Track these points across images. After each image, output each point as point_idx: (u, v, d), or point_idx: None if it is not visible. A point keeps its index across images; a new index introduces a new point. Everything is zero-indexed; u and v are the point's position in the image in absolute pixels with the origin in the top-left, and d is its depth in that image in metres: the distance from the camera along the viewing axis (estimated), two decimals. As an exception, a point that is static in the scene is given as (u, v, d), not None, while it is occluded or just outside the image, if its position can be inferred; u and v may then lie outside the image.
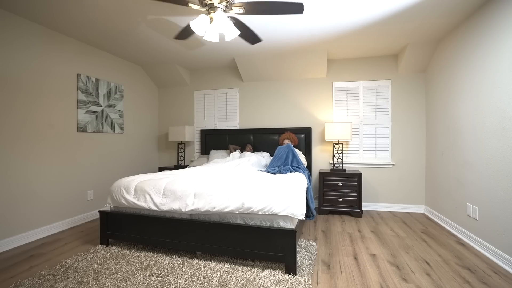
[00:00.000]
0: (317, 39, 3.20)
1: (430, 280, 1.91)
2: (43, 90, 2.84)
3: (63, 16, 2.62)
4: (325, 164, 4.07)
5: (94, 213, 3.49)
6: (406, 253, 2.38)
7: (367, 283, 1.88)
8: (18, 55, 2.60)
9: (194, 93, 4.65)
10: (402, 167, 3.80)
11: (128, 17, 2.64)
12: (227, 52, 3.68)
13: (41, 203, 2.82)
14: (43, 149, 2.85)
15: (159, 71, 4.40)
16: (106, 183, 3.66)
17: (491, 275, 1.98)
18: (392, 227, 3.10)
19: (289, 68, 3.96)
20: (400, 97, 3.80)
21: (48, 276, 1.95)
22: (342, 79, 4.00)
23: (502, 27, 2.18)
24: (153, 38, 3.17)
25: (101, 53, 3.57)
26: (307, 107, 4.13)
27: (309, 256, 2.26)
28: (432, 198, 3.49)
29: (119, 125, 3.86)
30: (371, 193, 3.90)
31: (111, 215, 2.49)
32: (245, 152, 3.73)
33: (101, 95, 3.54)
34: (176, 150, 4.73)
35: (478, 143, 2.50)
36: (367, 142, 3.91)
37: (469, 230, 2.63)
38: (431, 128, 3.53)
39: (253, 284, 1.83)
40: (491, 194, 2.31)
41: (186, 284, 1.84)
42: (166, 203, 2.29)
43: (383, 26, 2.87)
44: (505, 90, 2.14)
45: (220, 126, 4.52)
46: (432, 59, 3.48)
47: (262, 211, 2.03)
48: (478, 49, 2.50)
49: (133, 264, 2.14)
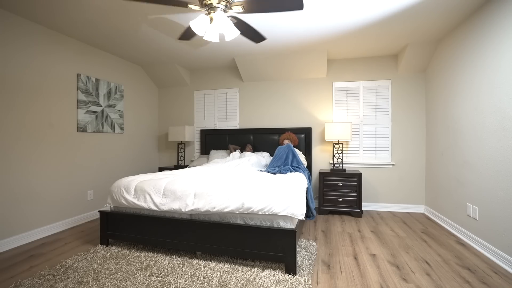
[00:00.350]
0: (317, 39, 3.20)
1: (430, 280, 1.91)
2: (43, 90, 2.84)
3: (63, 16, 2.62)
4: (325, 164, 4.07)
5: (94, 213, 3.49)
6: (406, 253, 2.38)
7: (367, 283, 1.88)
8: (18, 55, 2.60)
9: (194, 93, 4.65)
10: (402, 167, 3.80)
11: (128, 16, 2.64)
12: (227, 52, 3.68)
13: (41, 203, 2.82)
14: (43, 149, 2.85)
15: (159, 71, 4.40)
16: (106, 183, 3.66)
17: (491, 275, 1.98)
18: (392, 227, 3.10)
19: (289, 68, 3.96)
20: (400, 97, 3.80)
21: (48, 276, 1.95)
22: (342, 79, 4.00)
23: (502, 27, 2.18)
24: (153, 38, 3.17)
25: (101, 53, 3.57)
26: (307, 107, 4.13)
27: (309, 256, 2.26)
28: (432, 198, 3.49)
29: (119, 125, 3.86)
30: (371, 193, 3.90)
31: (111, 215, 2.49)
32: (245, 152, 3.73)
33: (101, 95, 3.54)
34: (176, 150, 4.73)
35: (478, 143, 2.50)
36: (367, 142, 3.91)
37: (469, 230, 2.63)
38: (431, 128, 3.53)
39: (253, 284, 1.83)
40: (491, 194, 2.31)
41: (186, 284, 1.84)
42: (166, 203, 2.29)
43: (383, 26, 2.87)
44: (505, 90, 2.14)
45: (220, 126, 4.52)
46: (432, 59, 3.48)
47: (262, 211, 2.03)
48: (478, 49, 2.50)
49: (133, 264, 2.14)
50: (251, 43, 3.34)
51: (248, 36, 2.44)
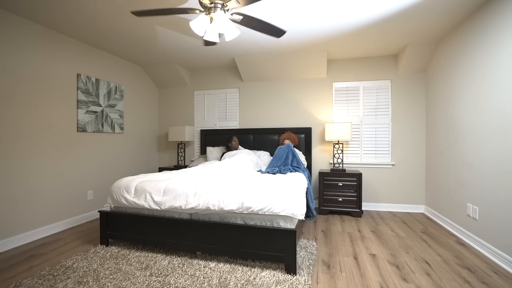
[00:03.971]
0: (317, 39, 3.20)
1: (430, 280, 1.91)
2: (43, 90, 2.84)
3: (63, 16, 2.62)
4: (325, 164, 4.07)
5: (94, 213, 3.49)
6: (406, 253, 2.38)
7: (367, 283, 1.88)
8: (18, 55, 2.60)
9: (194, 93, 4.65)
10: (402, 167, 3.80)
11: (128, 16, 2.64)
12: (227, 52, 3.68)
13: (41, 203, 2.82)
14: (43, 149, 2.85)
15: (159, 71, 4.40)
16: (106, 183, 3.66)
17: (491, 275, 1.98)
18: (392, 227, 3.10)
19: (289, 68, 3.96)
20: (400, 97, 3.80)
21: (48, 276, 1.95)
22: (342, 79, 4.00)
23: (502, 27, 2.18)
24: (154, 37, 3.17)
25: (101, 53, 3.57)
26: (307, 107, 4.13)
27: (309, 256, 2.26)
28: (432, 198, 3.49)
29: (119, 125, 3.86)
30: (371, 193, 3.90)
31: (111, 215, 2.49)
32: (238, 150, 3.68)
33: (101, 95, 3.54)
34: (176, 150, 4.73)
35: (478, 143, 2.50)
36: (367, 142, 3.91)
37: (469, 230, 2.63)
38: (431, 128, 3.53)
39: (253, 284, 1.83)
40: (491, 194, 2.30)
41: (186, 284, 1.84)
42: (166, 201, 2.28)
43: (383, 26, 2.86)
44: (505, 90, 2.14)
45: (220, 126, 4.52)
46: (432, 59, 3.48)
47: (262, 211, 2.03)
48: (478, 49, 2.50)
49: (133, 264, 2.14)
50: (251, 43, 3.34)
51: (266, 32, 2.35)
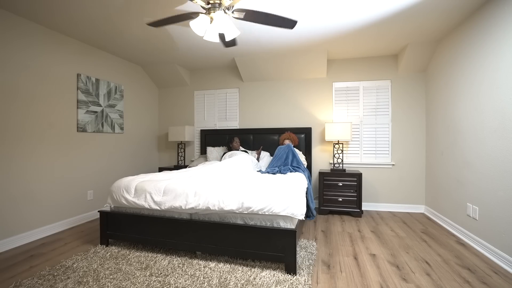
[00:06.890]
0: (317, 39, 3.20)
1: (430, 280, 1.91)
2: (43, 90, 2.84)
3: (63, 16, 2.62)
4: (325, 164, 4.07)
5: (94, 213, 3.49)
6: (406, 253, 2.38)
7: (367, 283, 1.88)
8: (18, 55, 2.60)
9: (194, 93, 4.65)
10: (402, 167, 3.80)
11: (128, 16, 2.64)
12: (227, 52, 3.68)
13: (41, 203, 2.82)
14: (43, 149, 2.85)
15: (159, 71, 4.40)
16: (106, 183, 3.66)
17: (491, 275, 1.98)
18: (392, 227, 3.10)
19: (289, 68, 3.96)
20: (400, 97, 3.80)
21: (48, 276, 1.95)
22: (342, 79, 4.00)
23: (502, 27, 2.18)
24: (154, 37, 3.17)
25: (101, 53, 3.57)
26: (307, 107, 4.13)
27: (309, 256, 2.26)
28: (432, 198, 3.49)
29: (119, 125, 3.86)
30: (371, 193, 3.90)
31: (111, 215, 2.49)
32: (235, 151, 3.69)
33: (101, 95, 3.54)
34: (176, 150, 4.73)
35: (478, 143, 2.50)
36: (367, 142, 3.91)
37: (469, 230, 2.63)
38: (431, 128, 3.53)
39: (253, 284, 1.83)
40: (491, 194, 2.30)
41: (186, 284, 1.84)
42: (167, 201, 2.28)
43: (383, 26, 2.86)
44: (505, 90, 2.14)
45: (220, 126, 4.52)
46: (432, 59, 3.48)
47: (262, 211, 2.03)
48: (478, 49, 2.50)
49: (133, 264, 2.14)
50: (251, 43, 3.34)
51: (276, 25, 2.26)
